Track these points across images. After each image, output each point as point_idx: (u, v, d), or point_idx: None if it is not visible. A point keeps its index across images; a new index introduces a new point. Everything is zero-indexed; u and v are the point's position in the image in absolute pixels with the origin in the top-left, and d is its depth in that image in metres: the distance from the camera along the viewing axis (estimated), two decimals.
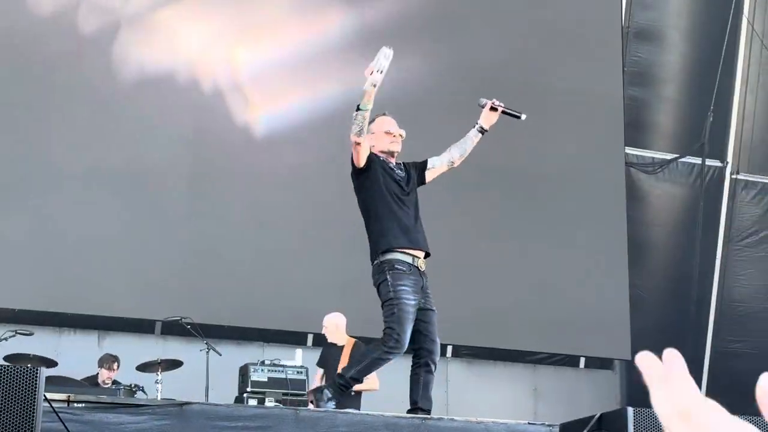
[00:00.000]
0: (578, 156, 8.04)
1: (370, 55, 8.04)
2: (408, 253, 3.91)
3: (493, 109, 4.10)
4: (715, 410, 0.37)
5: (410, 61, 7.70)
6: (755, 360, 8.40)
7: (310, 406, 4.37)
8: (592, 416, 3.49)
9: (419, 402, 3.96)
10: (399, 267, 3.92)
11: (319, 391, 4.18)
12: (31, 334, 6.06)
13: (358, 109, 3.84)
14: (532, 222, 7.99)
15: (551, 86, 7.97)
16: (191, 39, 7.67)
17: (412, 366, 4.06)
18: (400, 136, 3.97)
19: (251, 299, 7.54)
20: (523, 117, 4.19)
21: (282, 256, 7.61)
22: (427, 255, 4.00)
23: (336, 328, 6.32)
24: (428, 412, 3.93)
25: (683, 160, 8.47)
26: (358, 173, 3.97)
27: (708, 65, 8.46)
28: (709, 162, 8.42)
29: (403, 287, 3.87)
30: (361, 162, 3.83)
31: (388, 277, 3.87)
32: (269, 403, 6.32)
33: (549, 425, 4.01)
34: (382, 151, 3.97)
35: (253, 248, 7.61)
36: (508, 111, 4.17)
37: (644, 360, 0.39)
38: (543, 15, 8.21)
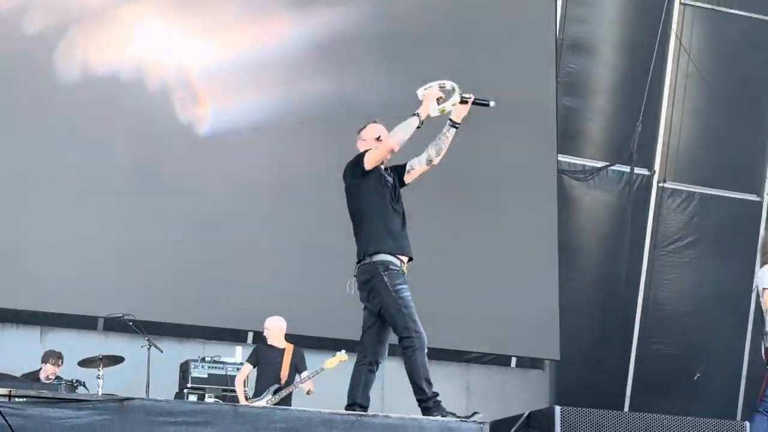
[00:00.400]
0: (512, 162, 8.33)
1: (318, 59, 8.30)
2: (397, 257, 3.79)
3: (464, 101, 3.93)
4: None
5: (358, 74, 8.28)
6: (678, 360, 8.88)
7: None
8: (521, 414, 3.35)
9: (358, 399, 3.73)
10: (393, 267, 3.78)
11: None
12: None
13: (416, 116, 3.78)
14: (466, 225, 8.25)
15: (488, 95, 8.21)
16: (140, 39, 7.81)
17: (356, 363, 3.83)
18: None
19: (193, 297, 7.65)
20: (492, 104, 3.95)
21: (223, 255, 7.71)
22: (410, 260, 4.13)
23: (279, 331, 6.46)
24: (365, 409, 3.67)
25: (613, 168, 8.79)
26: (360, 175, 3.89)
27: (638, 77, 8.78)
28: (637, 170, 8.74)
29: (401, 285, 3.70)
30: (373, 165, 3.82)
31: (384, 277, 3.69)
32: (209, 399, 6.55)
33: (480, 422, 3.47)
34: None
35: (194, 247, 7.70)
36: (479, 101, 3.93)
37: None
38: (481, 28, 8.48)
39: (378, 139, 3.84)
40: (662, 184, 9.02)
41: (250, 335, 7.57)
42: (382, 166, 4.18)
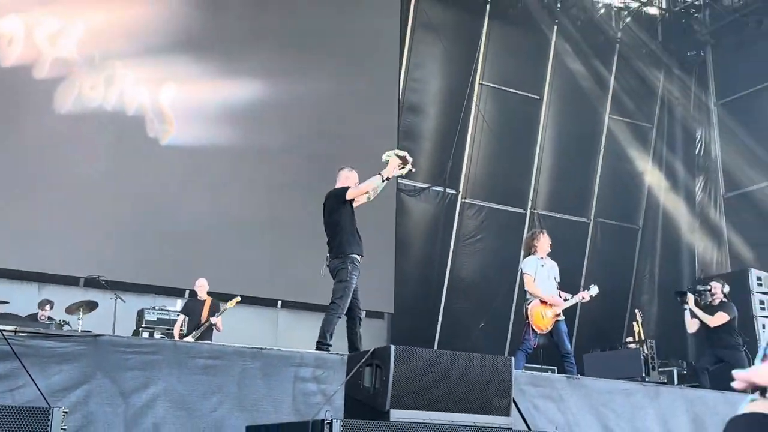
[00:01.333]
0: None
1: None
2: (360, 256, 5.03)
3: (408, 171, 5.17)
4: None
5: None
6: (471, 314, 11.41)
7: None
8: (368, 350, 3.62)
9: (357, 344, 5.04)
10: (356, 264, 4.95)
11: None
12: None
13: (379, 176, 4.89)
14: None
15: (346, 137, 10.21)
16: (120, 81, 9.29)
17: (348, 321, 5.07)
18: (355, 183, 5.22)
19: (148, 263, 8.99)
20: (412, 170, 5.31)
21: (170, 234, 9.10)
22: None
23: (203, 288, 7.78)
24: (358, 349, 4.76)
25: (433, 188, 11.44)
26: (343, 202, 5.07)
27: (451, 130, 11.62)
28: (448, 190, 11.49)
29: (355, 276, 4.92)
30: (351, 198, 5.06)
31: (349, 267, 4.89)
32: (157, 335, 7.63)
33: (341, 354, 4.49)
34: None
35: (150, 228, 9.05)
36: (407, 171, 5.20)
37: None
38: (347, 97, 10.60)
39: (355, 182, 5.19)
40: (464, 200, 11.71)
41: (186, 292, 8.90)
42: None
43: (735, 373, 1.08)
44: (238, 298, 7.67)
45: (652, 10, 13.78)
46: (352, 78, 10.78)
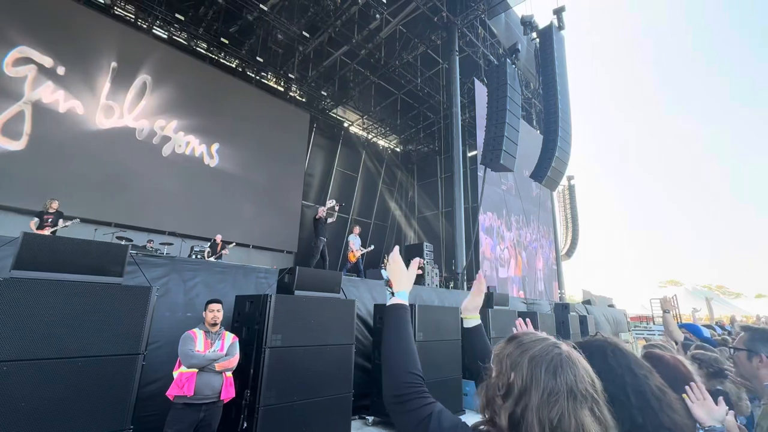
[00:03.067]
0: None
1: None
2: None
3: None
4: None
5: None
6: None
7: None
8: (290, 267, 6.64)
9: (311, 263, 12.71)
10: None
11: None
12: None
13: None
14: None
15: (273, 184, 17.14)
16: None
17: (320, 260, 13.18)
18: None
19: (199, 222, 18.18)
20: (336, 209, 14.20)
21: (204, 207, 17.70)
22: None
23: (219, 237, 15.05)
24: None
25: (316, 205, 17.29)
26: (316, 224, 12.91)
27: (325, 186, 18.47)
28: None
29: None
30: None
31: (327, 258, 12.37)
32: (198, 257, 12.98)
33: (278, 268, 7.99)
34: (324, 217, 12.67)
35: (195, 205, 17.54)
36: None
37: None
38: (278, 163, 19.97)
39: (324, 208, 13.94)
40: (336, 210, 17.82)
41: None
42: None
43: None
44: (234, 243, 15.02)
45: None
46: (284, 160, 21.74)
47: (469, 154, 25.90)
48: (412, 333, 1.91)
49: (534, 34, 19.10)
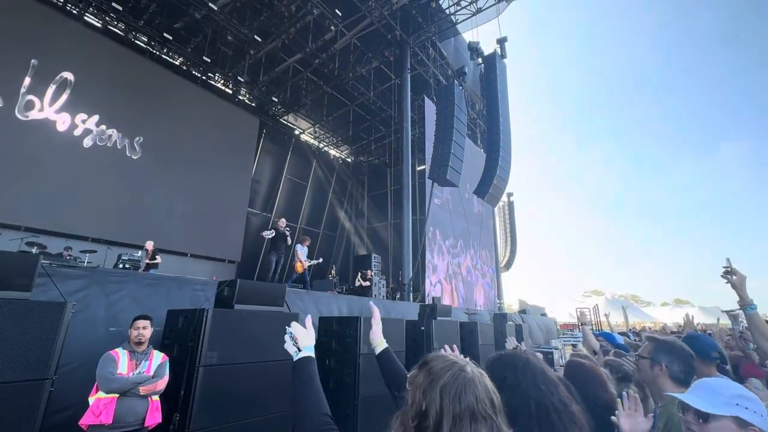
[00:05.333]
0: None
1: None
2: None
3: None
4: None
5: None
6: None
7: None
8: (230, 279, 6.33)
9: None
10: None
11: None
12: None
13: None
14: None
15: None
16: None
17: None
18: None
19: (125, 227, 16.64)
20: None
21: (138, 208, 16.43)
22: None
23: (150, 245, 13.52)
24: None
25: (262, 213, 16.58)
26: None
27: (273, 194, 17.97)
28: (266, 214, 16.58)
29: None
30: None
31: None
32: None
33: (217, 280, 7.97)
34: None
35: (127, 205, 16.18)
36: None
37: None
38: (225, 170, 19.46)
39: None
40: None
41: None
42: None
43: None
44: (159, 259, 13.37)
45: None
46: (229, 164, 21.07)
47: (418, 168, 25.78)
48: (319, 381, 2.22)
49: (480, 60, 20.42)
